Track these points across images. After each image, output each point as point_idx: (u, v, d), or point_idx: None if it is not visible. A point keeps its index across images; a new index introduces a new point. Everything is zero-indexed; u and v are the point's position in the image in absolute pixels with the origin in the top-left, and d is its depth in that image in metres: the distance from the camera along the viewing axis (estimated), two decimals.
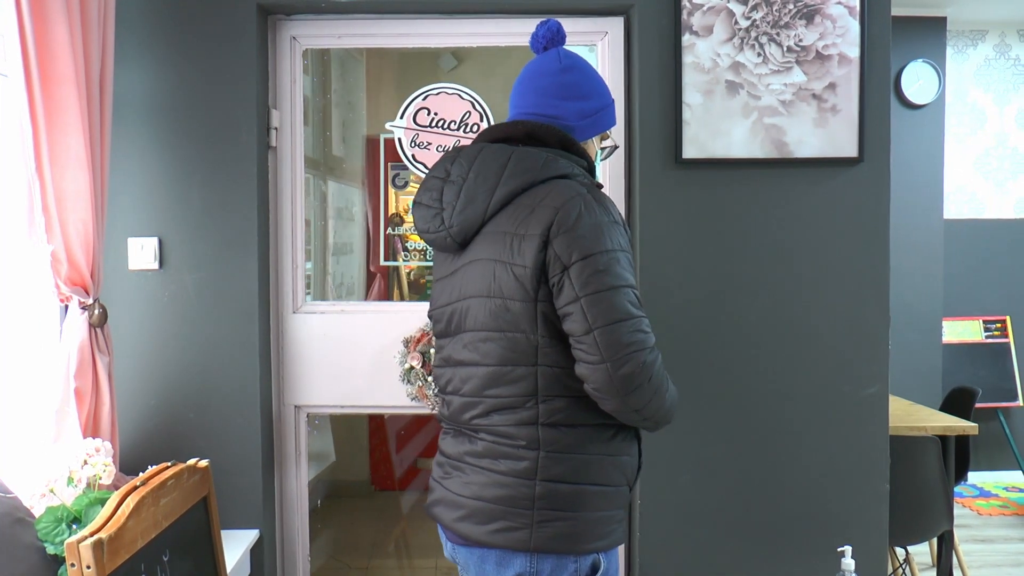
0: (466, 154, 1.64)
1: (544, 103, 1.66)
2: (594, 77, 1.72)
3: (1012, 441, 5.48)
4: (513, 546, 1.53)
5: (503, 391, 1.55)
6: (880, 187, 2.52)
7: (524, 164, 1.56)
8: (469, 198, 1.57)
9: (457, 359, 1.63)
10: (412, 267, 3.52)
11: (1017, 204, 5.60)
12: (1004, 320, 5.56)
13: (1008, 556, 4.24)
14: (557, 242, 1.48)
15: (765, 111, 2.46)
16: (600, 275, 1.47)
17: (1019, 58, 5.56)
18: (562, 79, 1.67)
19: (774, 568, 2.51)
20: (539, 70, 1.70)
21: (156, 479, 1.79)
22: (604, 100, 1.72)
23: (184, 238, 2.48)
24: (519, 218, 1.53)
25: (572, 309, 1.48)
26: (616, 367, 1.46)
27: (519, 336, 1.53)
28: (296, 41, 2.59)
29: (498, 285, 1.54)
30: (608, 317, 1.46)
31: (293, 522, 2.63)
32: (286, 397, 2.61)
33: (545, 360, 1.52)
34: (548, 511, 1.52)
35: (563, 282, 1.48)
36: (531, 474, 1.53)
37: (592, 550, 1.56)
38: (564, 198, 1.50)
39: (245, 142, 2.46)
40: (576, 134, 1.67)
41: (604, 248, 1.49)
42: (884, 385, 2.53)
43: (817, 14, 2.46)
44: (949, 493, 3.23)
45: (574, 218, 1.48)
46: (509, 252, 1.53)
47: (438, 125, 2.60)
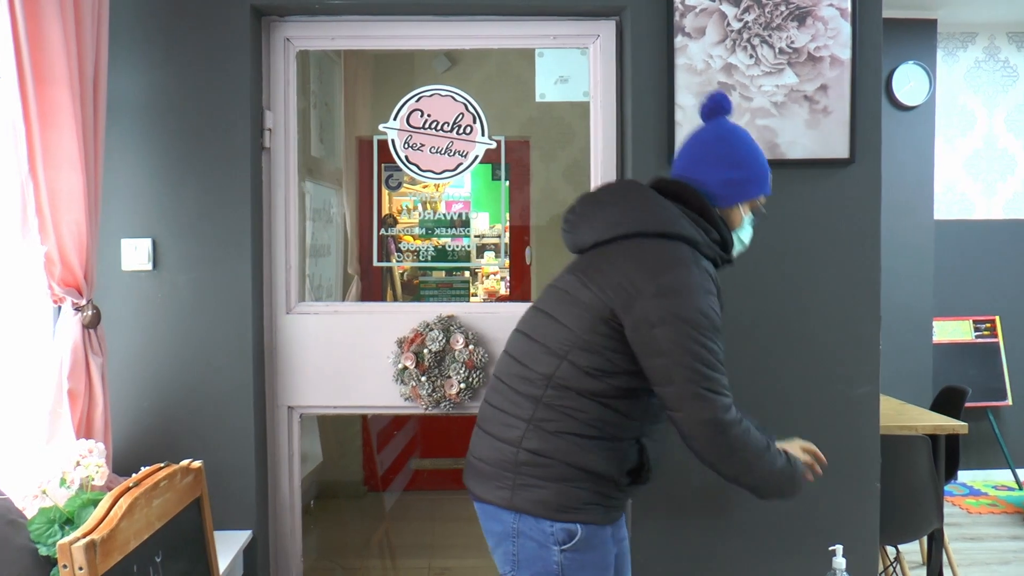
0: (622, 185, 1.88)
1: (693, 167, 1.86)
2: (745, 149, 1.87)
3: (1001, 440, 5.52)
4: (499, 503, 1.76)
5: (531, 363, 1.77)
6: (872, 188, 2.53)
7: (657, 214, 1.76)
8: (600, 218, 1.80)
9: (523, 327, 1.86)
10: (405, 268, 3.53)
11: (1006, 205, 5.63)
12: (993, 320, 5.59)
13: (997, 554, 4.27)
14: (650, 302, 1.65)
15: (757, 112, 2.47)
16: (685, 340, 1.64)
17: (1008, 60, 5.59)
18: (713, 148, 1.86)
19: (766, 567, 2.52)
20: (696, 138, 1.91)
21: (149, 480, 1.79)
22: (752, 171, 1.87)
23: (178, 239, 2.47)
24: (626, 256, 1.72)
25: (658, 365, 1.66)
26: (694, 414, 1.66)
27: (565, 330, 1.73)
28: (290, 43, 2.59)
29: (578, 289, 1.75)
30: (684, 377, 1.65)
31: (286, 523, 2.63)
32: (279, 398, 2.61)
33: (573, 358, 1.72)
34: (527, 477, 1.73)
35: (648, 339, 1.66)
36: (517, 442, 1.74)
37: (566, 519, 1.72)
38: (671, 262, 1.69)
39: (239, 143, 2.46)
40: (719, 201, 1.84)
41: (690, 316, 1.65)
42: (875, 385, 2.54)
43: (809, 16, 2.48)
44: (939, 492, 3.25)
45: (672, 285, 1.67)
46: (603, 276, 1.72)
47: (431, 127, 2.60)
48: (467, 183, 3.33)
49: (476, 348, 2.52)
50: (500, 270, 3.82)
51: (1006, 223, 5.62)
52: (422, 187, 3.19)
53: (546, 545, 1.72)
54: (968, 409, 4.30)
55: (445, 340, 2.50)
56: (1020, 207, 5.63)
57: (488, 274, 3.93)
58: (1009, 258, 5.61)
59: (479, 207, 3.25)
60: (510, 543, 1.75)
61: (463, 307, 2.62)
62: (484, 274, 3.93)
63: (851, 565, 2.10)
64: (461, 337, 2.51)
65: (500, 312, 2.61)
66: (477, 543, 3.39)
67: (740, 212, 1.88)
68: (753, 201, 1.90)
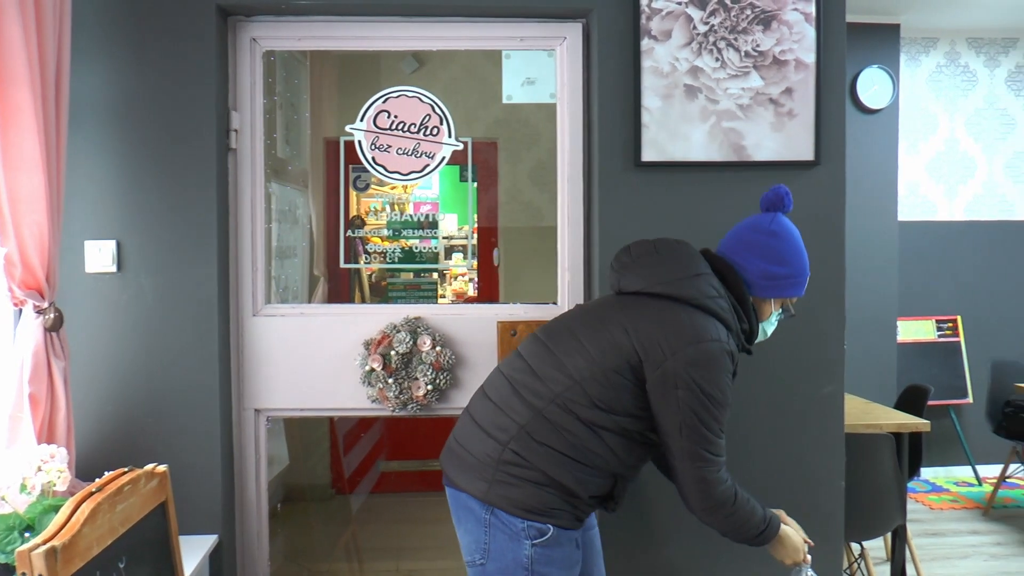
0: (681, 245, 1.95)
1: (740, 252, 1.95)
2: (794, 249, 1.95)
3: (962, 437, 5.62)
4: (475, 494, 1.81)
5: (544, 375, 1.83)
6: (836, 190, 2.57)
7: (705, 289, 1.85)
8: (651, 268, 1.88)
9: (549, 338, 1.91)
10: (373, 269, 3.51)
11: (967, 207, 5.74)
12: (955, 319, 5.69)
13: (957, 548, 4.35)
14: (679, 367, 1.75)
15: (723, 115, 2.50)
16: (700, 410, 1.76)
17: (968, 66, 5.70)
18: (764, 240, 1.93)
19: (732, 565, 2.55)
20: (752, 224, 1.98)
21: (112, 485, 1.77)
22: (793, 271, 1.94)
23: (143, 241, 2.45)
24: (668, 318, 1.80)
25: (672, 421, 1.78)
26: (695, 469, 1.80)
27: (587, 359, 1.81)
28: (256, 43, 2.58)
29: (614, 328, 1.82)
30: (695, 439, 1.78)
31: (252, 526, 2.61)
32: (246, 401, 2.59)
33: (586, 386, 1.79)
34: (505, 474, 1.79)
35: (668, 397, 1.77)
36: (505, 442, 1.80)
37: (536, 520, 1.79)
38: (707, 338, 1.78)
39: (205, 144, 2.44)
40: (754, 289, 1.94)
41: (711, 391, 1.77)
42: (840, 385, 2.58)
43: (774, 20, 2.51)
44: (902, 489, 3.30)
45: (702, 358, 1.76)
46: (641, 328, 1.80)
47: (398, 128, 2.60)
48: (435, 184, 3.31)
49: (443, 350, 2.52)
50: (468, 271, 3.81)
51: (967, 224, 5.73)
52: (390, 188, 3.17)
53: (518, 539, 1.79)
54: (930, 407, 4.38)
55: (412, 342, 2.50)
56: (980, 209, 5.75)
57: (456, 275, 3.93)
58: (970, 259, 5.72)
59: (447, 208, 3.25)
60: (482, 533, 1.81)
61: (430, 309, 2.62)
62: (452, 275, 3.92)
63: (816, 562, 2.13)
64: (428, 339, 2.51)
65: (467, 314, 2.61)
66: (445, 544, 3.39)
67: (771, 306, 1.99)
68: (786, 300, 2.00)
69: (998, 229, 5.75)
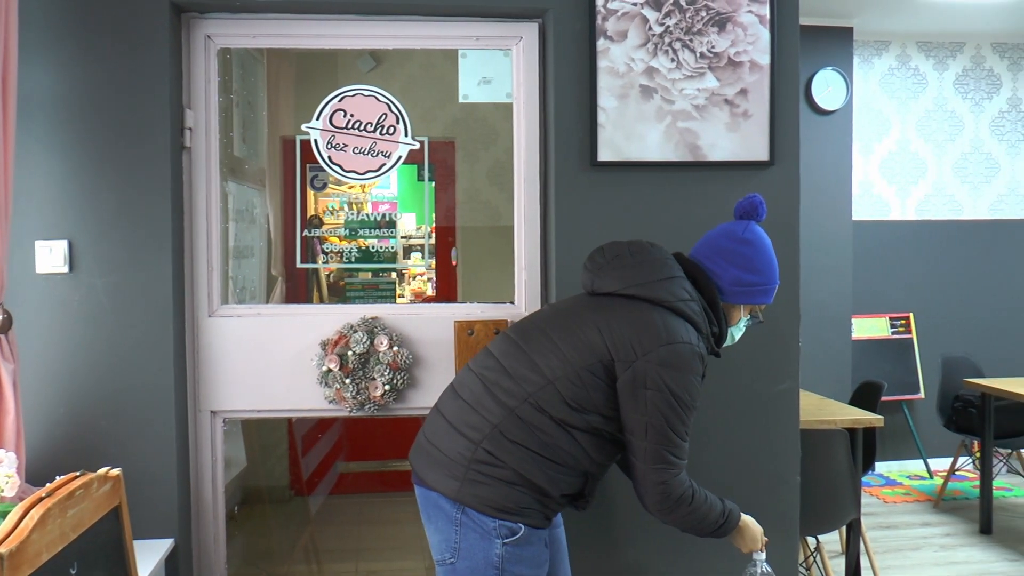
0: (654, 249, 1.97)
1: (713, 258, 1.98)
2: (766, 258, 1.98)
3: (914, 431, 5.74)
4: (444, 492, 1.82)
5: (517, 374, 1.84)
6: (790, 189, 2.60)
7: (678, 291, 1.88)
8: (625, 270, 1.90)
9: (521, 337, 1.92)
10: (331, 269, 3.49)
11: (918, 207, 5.86)
12: (908, 316, 5.81)
13: (910, 540, 4.45)
14: (649, 367, 1.78)
15: (679, 115, 2.53)
16: (668, 410, 1.79)
17: (918, 69, 5.82)
18: (737, 248, 1.97)
19: (689, 561, 2.58)
20: (725, 231, 2.01)
21: (63, 490, 1.74)
22: (764, 279, 1.98)
23: (95, 240, 2.41)
24: (640, 319, 1.83)
25: (638, 421, 1.80)
26: (655, 473, 1.81)
27: (560, 358, 1.82)
28: (211, 40, 2.55)
29: (586, 328, 1.84)
30: (660, 440, 1.80)
31: (209, 530, 2.58)
32: (202, 403, 2.56)
33: (559, 385, 1.81)
34: (477, 473, 1.80)
35: (637, 396, 1.79)
36: (478, 441, 1.81)
37: (508, 519, 1.80)
38: (678, 340, 1.81)
39: (158, 142, 2.41)
40: (725, 295, 1.97)
41: (680, 392, 1.79)
42: (795, 381, 2.62)
43: (729, 22, 2.54)
44: (857, 483, 3.36)
45: (673, 359, 1.79)
46: (614, 328, 1.82)
47: (354, 127, 2.58)
48: (393, 184, 3.31)
49: (400, 350, 2.52)
50: (426, 271, 3.81)
51: (919, 224, 5.85)
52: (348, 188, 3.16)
53: (489, 538, 1.80)
54: (884, 403, 4.47)
55: (369, 342, 2.49)
56: (931, 209, 5.87)
57: (415, 275, 3.92)
58: (921, 257, 5.85)
59: (405, 208, 3.24)
60: (453, 532, 1.82)
61: (387, 308, 2.61)
62: (411, 275, 3.91)
63: (772, 556, 2.16)
64: (385, 339, 2.50)
65: (424, 313, 2.61)
66: (404, 545, 3.39)
67: (741, 312, 2.03)
68: (755, 307, 2.04)
69: (947, 228, 5.88)
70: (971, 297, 5.89)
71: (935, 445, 5.77)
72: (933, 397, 5.31)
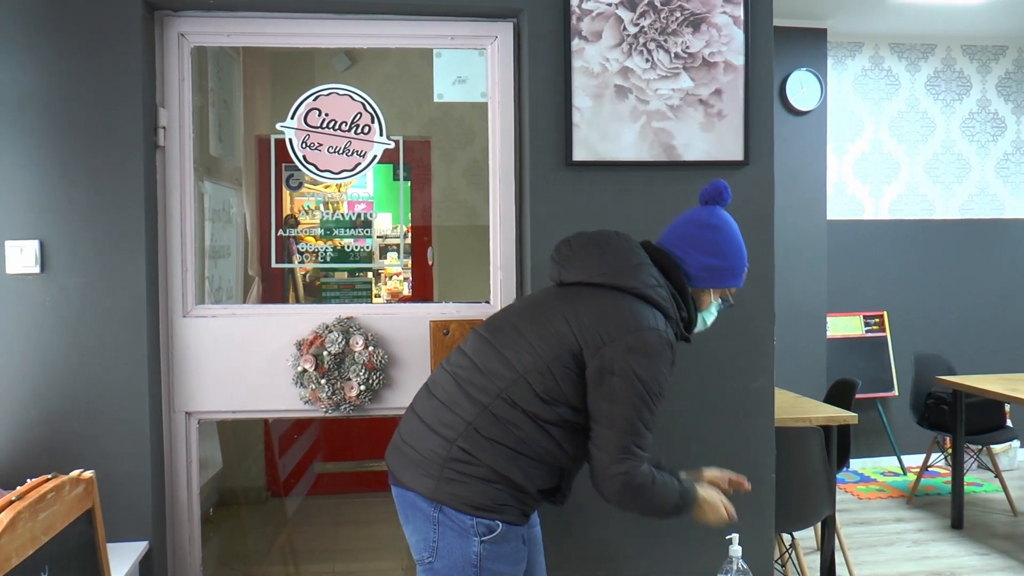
0: (620, 237, 1.97)
1: (679, 244, 1.98)
2: (732, 242, 1.99)
3: (888, 428, 5.80)
4: (421, 491, 1.82)
5: (488, 370, 1.84)
6: (765, 189, 2.62)
7: (645, 278, 1.87)
8: (592, 260, 1.91)
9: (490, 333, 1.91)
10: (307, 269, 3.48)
11: (891, 206, 5.93)
12: (882, 315, 5.87)
13: (883, 536, 4.50)
14: (617, 353, 1.77)
15: (653, 115, 2.54)
16: (635, 397, 1.78)
17: (891, 70, 5.88)
18: (703, 233, 1.98)
19: (664, 558, 2.59)
20: (691, 218, 2.02)
21: (34, 493, 1.72)
22: (732, 263, 1.99)
23: (67, 240, 2.38)
24: (608, 306, 1.83)
25: (603, 408, 1.79)
26: (615, 463, 1.80)
27: (530, 351, 1.82)
28: (184, 38, 2.53)
29: (553, 319, 1.84)
30: (625, 429, 1.79)
31: (184, 532, 2.56)
32: (176, 404, 2.54)
33: (531, 378, 1.80)
34: (453, 472, 1.80)
35: (604, 382, 1.78)
36: (452, 439, 1.80)
37: (485, 516, 1.80)
38: (646, 326, 1.81)
39: (131, 141, 2.39)
40: (694, 281, 1.97)
41: (647, 378, 1.79)
42: (770, 379, 2.64)
43: (703, 22, 2.55)
44: (832, 480, 3.39)
45: (641, 345, 1.78)
46: (581, 316, 1.82)
47: (329, 126, 2.57)
48: (369, 183, 3.30)
49: (376, 350, 2.51)
50: (402, 271, 3.80)
51: (892, 223, 5.92)
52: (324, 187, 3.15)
53: (467, 536, 1.80)
54: (858, 400, 4.51)
55: (344, 342, 2.48)
56: (904, 208, 5.94)
57: (391, 275, 3.91)
58: (895, 256, 5.91)
59: (382, 207, 3.23)
60: (431, 531, 1.82)
61: (363, 308, 2.61)
62: (387, 275, 3.90)
63: (748, 553, 2.17)
64: (361, 339, 2.49)
65: (400, 313, 2.60)
66: (380, 546, 3.38)
67: (710, 296, 2.02)
68: (724, 290, 2.03)
69: (920, 228, 5.95)
70: (943, 295, 5.97)
71: (908, 442, 5.84)
72: (906, 394, 5.37)
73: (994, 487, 5.32)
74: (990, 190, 6.06)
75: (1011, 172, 6.09)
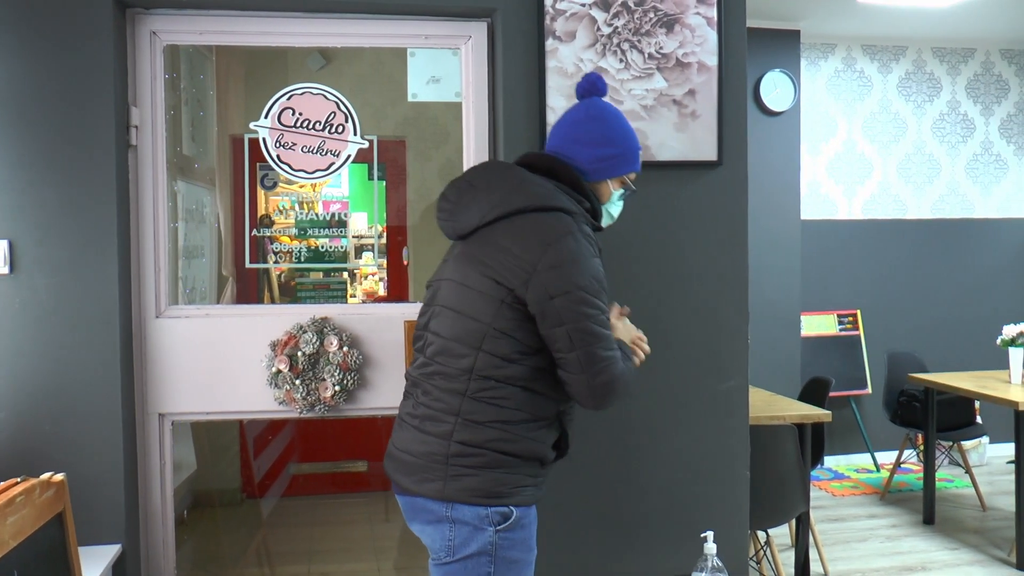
0: (492, 167, 1.94)
1: (565, 145, 1.94)
2: (615, 128, 1.96)
3: (862, 426, 5.86)
4: (429, 494, 1.80)
5: (448, 361, 1.81)
6: (738, 189, 2.64)
7: (532, 189, 1.82)
8: (475, 201, 1.85)
9: (430, 327, 1.89)
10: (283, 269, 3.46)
11: (864, 206, 5.99)
12: (855, 313, 5.93)
13: (857, 532, 4.55)
14: (546, 275, 1.74)
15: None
16: (581, 306, 1.74)
17: (863, 71, 5.95)
18: (585, 127, 1.94)
19: (639, 556, 2.60)
20: (569, 117, 1.99)
21: (3, 496, 1.70)
22: (621, 149, 1.95)
23: (37, 241, 2.36)
24: (513, 235, 1.78)
25: (558, 334, 1.75)
26: (593, 377, 1.76)
27: (473, 323, 1.79)
28: (156, 36, 2.51)
29: (474, 279, 1.81)
30: (588, 341, 1.75)
31: (158, 535, 2.54)
32: (150, 405, 2.52)
33: (488, 348, 1.77)
34: (458, 467, 1.78)
35: (548, 310, 1.74)
36: (447, 436, 1.79)
37: (498, 504, 1.78)
38: (557, 234, 1.76)
39: (102, 140, 2.37)
40: (589, 176, 1.93)
41: (584, 283, 1.76)
42: (744, 378, 2.66)
43: (677, 23, 2.57)
44: (806, 477, 3.43)
45: (562, 256, 1.75)
46: (494, 259, 1.78)
47: (303, 125, 2.56)
48: (344, 183, 3.29)
49: (350, 350, 2.50)
50: (378, 271, 3.79)
51: (865, 223, 5.98)
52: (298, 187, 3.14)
53: (481, 527, 1.78)
54: (832, 398, 4.56)
55: (319, 342, 2.48)
56: (877, 208, 6.01)
57: (367, 275, 3.90)
58: (868, 255, 5.98)
59: (357, 207, 3.23)
60: (447, 530, 1.80)
61: (337, 308, 2.60)
62: (363, 275, 3.89)
63: (723, 551, 2.18)
64: (335, 339, 2.48)
65: (375, 313, 2.60)
66: (357, 546, 3.37)
67: (609, 187, 1.98)
68: (622, 178, 1.99)
69: (892, 227, 6.02)
70: (916, 294, 6.04)
71: (882, 439, 5.91)
72: (879, 392, 5.43)
73: (964, 483, 5.40)
74: (960, 190, 6.14)
75: (980, 173, 6.18)
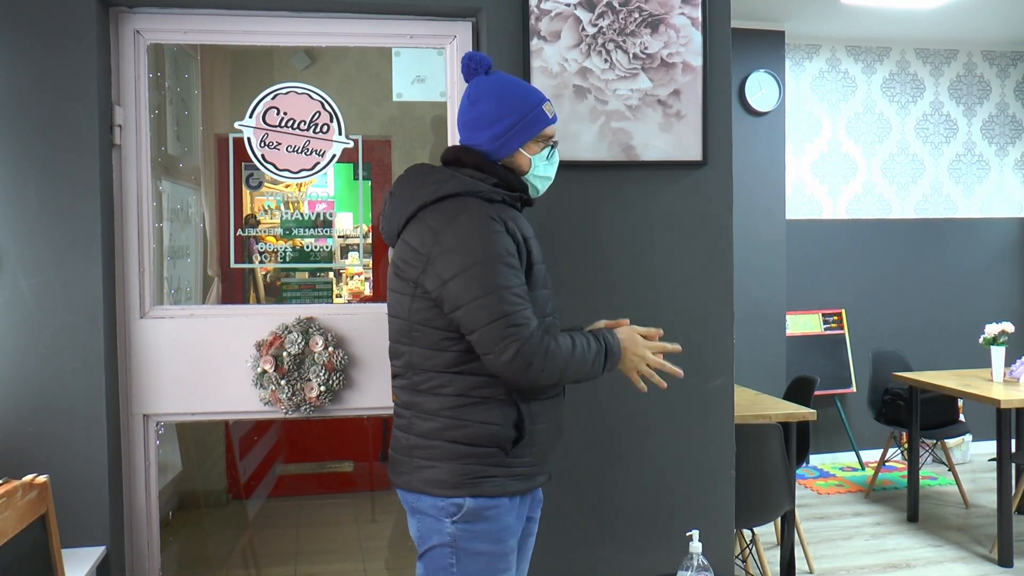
0: (408, 173, 1.94)
1: (465, 134, 1.95)
2: (502, 102, 1.91)
3: (847, 424, 5.90)
4: (403, 486, 1.88)
5: (395, 362, 1.92)
6: (723, 189, 2.65)
7: (430, 186, 1.84)
8: (394, 209, 1.90)
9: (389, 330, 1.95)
10: (268, 269, 3.45)
11: (849, 206, 6.03)
12: (840, 313, 5.97)
13: (842, 530, 4.58)
14: (438, 261, 1.76)
15: (612, 115, 2.56)
16: (477, 283, 1.73)
17: (848, 72, 5.98)
18: (472, 113, 1.93)
19: (625, 555, 2.61)
20: (461, 106, 1.97)
21: None
22: (514, 118, 1.90)
23: (20, 241, 2.34)
24: (412, 231, 1.83)
25: (460, 316, 1.76)
26: (499, 355, 1.73)
27: (399, 321, 1.87)
28: (140, 35, 2.50)
29: (393, 281, 1.89)
30: (485, 319, 1.73)
31: (143, 536, 2.53)
32: (134, 406, 2.50)
33: (416, 342, 1.84)
34: (419, 459, 1.85)
35: (444, 295, 1.76)
36: (407, 429, 1.87)
37: (457, 495, 1.81)
38: (447, 218, 1.78)
39: (86, 139, 2.35)
40: (497, 154, 1.92)
41: (481, 257, 1.74)
42: (729, 377, 2.67)
43: (661, 23, 2.58)
44: (791, 476, 3.45)
45: (455, 239, 1.75)
46: (401, 258, 1.85)
47: (288, 125, 2.56)
48: (330, 183, 3.28)
49: (336, 350, 2.50)
50: (364, 270, 3.79)
51: (849, 222, 6.02)
52: (284, 187, 3.13)
53: (439, 518, 1.82)
54: (817, 397, 4.58)
55: (304, 342, 2.47)
56: (861, 208, 6.05)
57: (352, 275, 3.90)
58: (852, 255, 6.02)
59: (343, 207, 3.22)
60: (417, 521, 1.88)
61: (323, 308, 2.59)
62: (348, 275, 3.89)
63: (708, 549, 2.20)
64: (320, 339, 2.48)
65: (360, 313, 2.59)
66: (343, 547, 3.37)
67: (524, 155, 1.93)
68: (537, 139, 1.94)
69: (877, 227, 6.06)
70: (900, 293, 6.09)
71: (866, 437, 5.95)
72: (864, 391, 5.47)
73: (948, 480, 5.44)
74: (943, 190, 6.19)
75: (963, 173, 6.23)
